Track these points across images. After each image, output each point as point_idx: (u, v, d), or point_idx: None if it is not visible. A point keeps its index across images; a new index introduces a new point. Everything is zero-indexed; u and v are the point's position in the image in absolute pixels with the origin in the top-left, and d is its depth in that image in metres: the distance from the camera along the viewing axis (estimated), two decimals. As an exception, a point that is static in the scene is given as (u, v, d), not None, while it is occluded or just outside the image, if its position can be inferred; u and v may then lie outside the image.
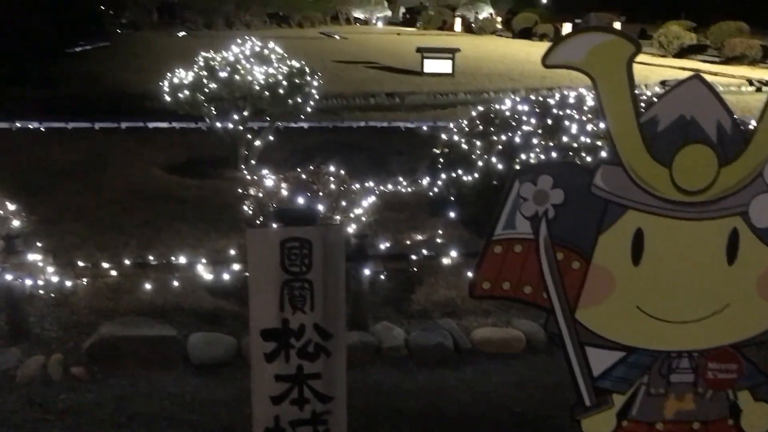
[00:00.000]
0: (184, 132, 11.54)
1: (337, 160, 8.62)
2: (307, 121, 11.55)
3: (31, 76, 17.12)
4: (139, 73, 18.79)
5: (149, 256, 5.32)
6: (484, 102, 16.06)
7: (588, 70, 2.71)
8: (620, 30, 2.75)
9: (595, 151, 5.99)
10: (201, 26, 44.76)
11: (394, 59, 25.19)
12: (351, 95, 16.76)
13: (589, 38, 2.72)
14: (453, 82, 19.29)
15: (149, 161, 9.49)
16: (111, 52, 25.79)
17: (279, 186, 5.48)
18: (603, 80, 2.71)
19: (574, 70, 2.75)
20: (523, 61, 25.11)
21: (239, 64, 8.68)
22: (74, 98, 14.34)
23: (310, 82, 9.15)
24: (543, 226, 2.83)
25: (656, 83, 18.52)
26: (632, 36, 2.74)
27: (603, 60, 2.69)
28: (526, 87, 18.05)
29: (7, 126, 11.42)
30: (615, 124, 2.74)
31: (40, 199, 7.16)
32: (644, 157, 2.74)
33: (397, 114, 14.79)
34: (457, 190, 6.83)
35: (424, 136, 11.80)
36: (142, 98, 14.44)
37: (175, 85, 8.63)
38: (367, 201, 5.82)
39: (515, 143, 6.36)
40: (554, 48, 2.74)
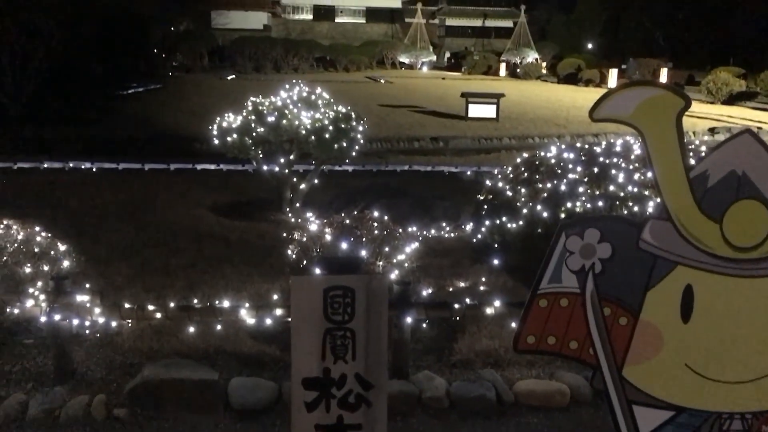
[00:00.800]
0: (230, 174, 11.76)
1: (380, 205, 8.69)
2: (351, 164, 11.66)
3: (86, 117, 17.69)
4: (188, 114, 19.30)
5: (194, 298, 5.38)
6: (529, 147, 16.06)
7: (637, 125, 2.69)
8: (670, 85, 2.74)
9: (642, 201, 5.91)
10: (250, 69, 45.85)
11: (438, 104, 25.37)
12: (395, 139, 16.90)
13: (638, 92, 2.70)
14: (497, 127, 19.31)
15: (196, 202, 9.66)
16: (162, 94, 26.53)
17: (323, 231, 5.52)
18: (652, 135, 2.68)
19: (623, 124, 2.73)
20: (568, 107, 25.06)
21: (287, 109, 8.83)
22: (126, 139, 14.78)
23: (355, 127, 9.25)
24: (590, 280, 2.79)
25: (705, 131, 18.29)
26: (682, 91, 2.71)
27: (652, 115, 2.66)
28: (571, 133, 17.98)
29: (60, 166, 11.78)
30: (664, 178, 2.70)
31: (90, 239, 7.33)
32: (694, 213, 2.69)
33: (441, 158, 14.85)
34: (501, 237, 6.77)
35: (467, 181, 11.81)
36: (191, 140, 14.81)
37: (224, 129, 8.81)
38: (410, 247, 5.81)
39: (561, 191, 6.31)
40: (602, 101, 2.73)
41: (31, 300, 4.58)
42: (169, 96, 25.35)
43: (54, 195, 9.79)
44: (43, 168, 11.69)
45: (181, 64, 44.78)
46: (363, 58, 56.58)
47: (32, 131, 15.24)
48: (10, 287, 4.81)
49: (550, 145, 8.06)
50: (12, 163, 11.71)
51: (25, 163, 11.78)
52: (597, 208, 6.00)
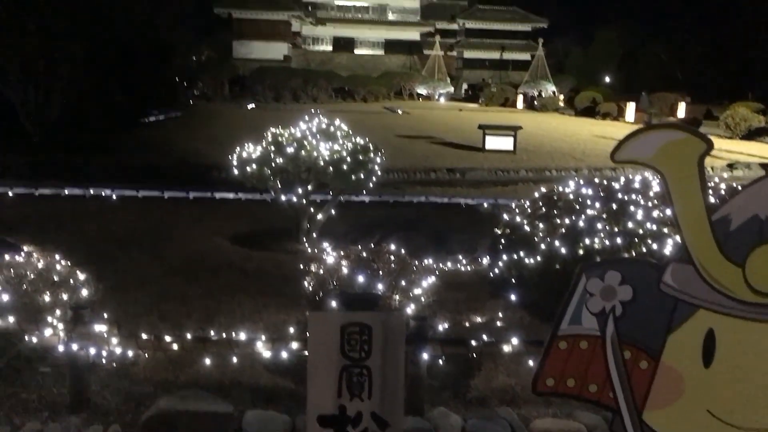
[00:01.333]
0: (248, 203, 11.83)
1: (397, 237, 8.71)
2: (368, 194, 11.69)
3: (107, 144, 17.93)
4: (208, 142, 19.50)
5: (210, 329, 5.38)
6: (546, 181, 16.04)
7: (658, 168, 2.69)
8: (691, 128, 2.73)
9: (661, 239, 5.86)
10: (269, 99, 46.36)
11: (455, 135, 25.49)
12: (412, 170, 16.97)
13: (660, 135, 2.70)
14: (514, 159, 19.34)
15: (214, 231, 9.72)
16: (183, 122, 26.90)
17: (340, 263, 5.52)
18: (674, 178, 2.67)
19: (644, 167, 2.73)
20: (585, 140, 25.08)
21: (306, 140, 8.90)
22: (146, 167, 14.96)
23: (373, 159, 9.30)
24: (610, 322, 2.76)
25: (724, 167, 18.20)
26: (704, 134, 2.71)
27: (674, 158, 2.66)
28: (589, 167, 17.94)
29: (81, 193, 11.92)
30: (686, 222, 2.69)
31: (108, 267, 7.38)
32: (716, 256, 2.67)
33: (457, 189, 14.86)
34: (519, 273, 6.74)
35: (484, 214, 11.79)
36: (211, 168, 14.96)
37: (244, 159, 8.88)
38: (427, 281, 5.79)
39: (579, 227, 6.28)
40: (624, 144, 2.73)
41: (50, 329, 4.61)
42: (189, 124, 25.69)
43: (75, 222, 9.89)
44: (64, 195, 11.84)
45: (202, 93, 45.41)
46: (381, 89, 57.04)
47: (54, 158, 15.46)
48: (29, 315, 4.83)
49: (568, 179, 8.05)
50: (34, 189, 11.86)
51: (47, 189, 11.93)
52: (615, 245, 5.96)
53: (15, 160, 15.08)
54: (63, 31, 17.27)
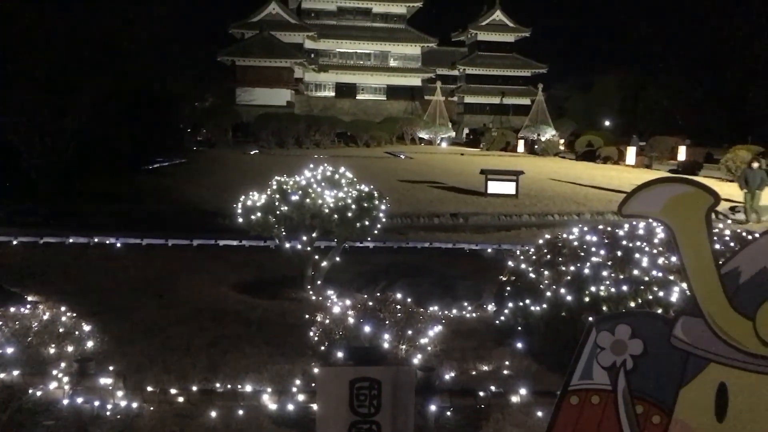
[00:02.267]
0: (253, 250, 11.83)
1: (402, 284, 8.68)
2: (372, 240, 11.69)
3: (112, 192, 18.04)
4: (212, 189, 19.62)
5: (215, 380, 5.34)
6: (549, 225, 16.08)
7: (666, 221, 2.71)
8: (698, 181, 2.75)
9: (667, 286, 5.85)
10: (273, 145, 46.75)
11: (458, 179, 25.60)
12: (416, 215, 17.02)
13: (667, 189, 2.73)
14: (517, 203, 19.40)
15: (219, 279, 9.71)
16: (187, 168, 27.07)
17: (346, 313, 5.51)
18: (681, 231, 2.69)
19: (652, 220, 2.75)
20: (587, 184, 25.17)
21: (311, 188, 8.94)
22: (150, 214, 15.01)
23: (378, 206, 9.32)
24: (621, 377, 2.75)
25: (726, 210, 18.22)
26: (710, 187, 2.73)
27: (681, 211, 2.68)
28: (591, 211, 17.99)
29: (85, 241, 11.94)
30: (695, 275, 2.70)
31: (114, 316, 7.35)
32: (726, 310, 2.67)
33: (461, 235, 14.87)
34: (525, 320, 6.71)
35: (488, 259, 11.79)
36: (215, 215, 15.02)
37: (248, 208, 8.92)
38: (433, 330, 5.76)
39: (584, 275, 6.28)
40: (631, 197, 2.75)
41: (54, 382, 4.58)
42: (193, 171, 25.85)
43: (79, 270, 9.90)
44: (69, 243, 11.86)
45: (206, 139, 45.82)
46: (383, 133, 57.56)
47: (59, 206, 15.54)
48: (34, 368, 4.81)
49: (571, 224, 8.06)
50: (39, 238, 11.89)
51: (52, 238, 11.96)
52: (622, 292, 5.95)
53: (20, 208, 15.15)
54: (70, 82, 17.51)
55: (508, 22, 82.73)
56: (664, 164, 37.09)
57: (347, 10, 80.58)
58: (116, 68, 20.58)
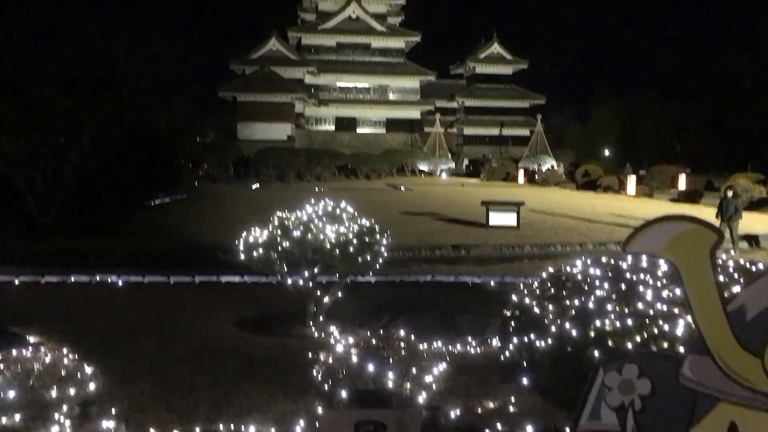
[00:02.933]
0: (254, 286, 11.80)
1: (405, 319, 8.64)
2: (374, 274, 11.65)
3: (113, 228, 18.03)
4: (213, 225, 19.62)
5: (218, 421, 5.28)
6: (551, 256, 16.03)
7: (670, 258, 2.70)
8: (702, 219, 2.75)
9: (672, 319, 5.80)
10: (274, 179, 46.89)
11: (458, 211, 25.61)
12: (418, 247, 16.97)
13: (671, 227, 2.72)
14: (518, 234, 19.36)
15: (221, 316, 9.66)
16: (188, 204, 27.10)
17: (349, 351, 5.47)
18: (686, 269, 2.68)
19: (656, 258, 2.74)
20: (589, 214, 25.17)
21: (312, 223, 8.95)
22: (152, 251, 14.99)
23: (379, 241, 9.32)
24: (630, 418, 2.72)
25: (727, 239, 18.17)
26: (714, 225, 2.73)
27: (685, 249, 2.67)
28: (593, 241, 17.96)
29: (87, 279, 11.91)
30: (701, 313, 2.68)
31: (115, 357, 7.32)
32: (734, 347, 2.65)
33: (463, 267, 14.82)
34: (530, 356, 6.64)
35: (492, 292, 11.73)
36: (216, 250, 14.98)
37: (250, 244, 8.91)
38: (438, 367, 5.71)
39: (589, 309, 6.23)
40: (635, 235, 2.75)
41: (56, 426, 4.53)
42: (194, 206, 25.87)
43: (81, 309, 9.86)
44: (70, 282, 11.83)
45: (207, 174, 45.98)
46: (384, 166, 57.77)
47: (60, 244, 15.53)
48: (36, 412, 4.76)
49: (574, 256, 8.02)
50: (40, 277, 11.87)
51: (53, 277, 11.93)
52: (627, 326, 5.90)
53: (21, 246, 15.13)
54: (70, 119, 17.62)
55: (505, 54, 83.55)
56: (665, 193, 37.09)
57: (346, 45, 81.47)
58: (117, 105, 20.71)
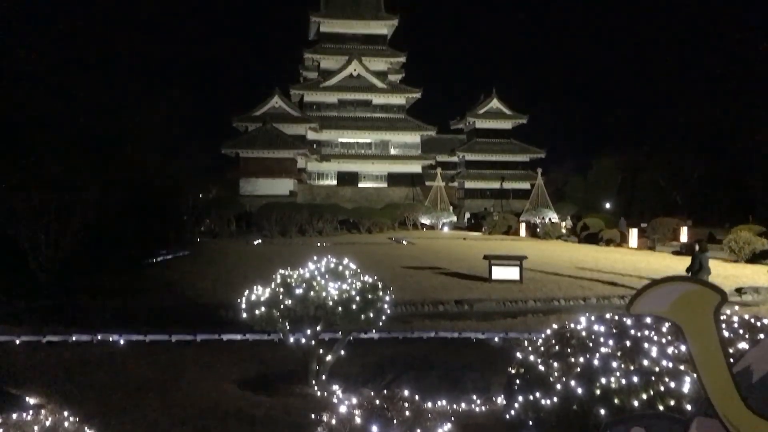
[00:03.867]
0: (256, 344, 11.73)
1: (408, 377, 8.56)
2: (377, 331, 11.59)
3: (115, 286, 18.03)
4: (216, 281, 19.60)
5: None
6: (555, 311, 15.96)
7: (674, 320, 2.70)
8: (705, 281, 2.76)
9: (678, 376, 5.75)
10: (276, 234, 47.02)
11: (461, 265, 25.58)
12: (420, 302, 16.90)
13: (674, 288, 2.73)
14: (522, 289, 19.31)
15: (222, 376, 9.58)
16: (190, 261, 27.07)
17: (352, 412, 5.40)
18: (690, 330, 2.68)
19: (661, 319, 2.74)
20: (591, 268, 25.13)
21: (315, 280, 8.94)
22: (153, 309, 14.94)
23: (382, 297, 9.29)
24: (638, 483, 2.68)
25: (732, 291, 18.12)
26: (717, 286, 2.74)
27: (689, 310, 2.67)
28: (597, 295, 17.91)
29: (88, 339, 11.84)
30: (706, 374, 2.66)
31: (117, 419, 7.23)
32: (741, 410, 2.62)
33: (466, 323, 14.73)
34: (536, 414, 6.55)
35: (496, 348, 11.64)
36: (218, 308, 14.96)
37: (252, 302, 8.89)
38: (443, 428, 5.63)
39: (594, 366, 6.18)
40: (638, 297, 2.75)
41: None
42: (196, 263, 25.85)
43: (82, 370, 9.77)
44: (71, 341, 11.76)
45: (210, 230, 46.09)
46: (385, 220, 57.97)
47: (62, 302, 15.50)
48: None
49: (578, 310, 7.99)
50: (41, 337, 11.81)
51: (54, 337, 11.87)
52: (633, 384, 5.84)
53: (22, 305, 15.11)
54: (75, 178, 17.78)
55: (505, 109, 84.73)
56: (667, 246, 37.10)
57: (348, 102, 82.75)
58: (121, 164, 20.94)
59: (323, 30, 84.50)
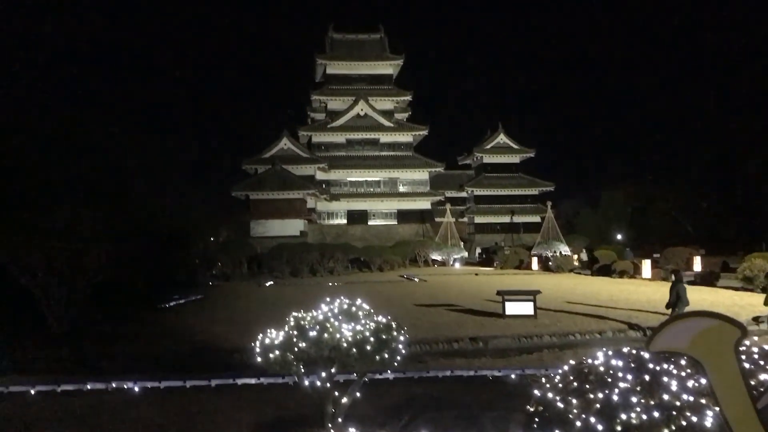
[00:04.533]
0: (271, 387, 11.65)
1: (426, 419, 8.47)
2: (392, 371, 11.49)
3: (128, 333, 18.01)
4: (228, 325, 19.56)
5: None
6: (571, 346, 15.81)
7: (695, 356, 2.68)
8: (723, 314, 2.74)
9: (699, 411, 5.66)
10: (287, 274, 46.99)
11: (474, 301, 25.44)
12: (435, 341, 16.78)
13: (693, 324, 2.71)
14: (536, 324, 19.15)
15: (238, 421, 9.50)
16: (203, 304, 27.04)
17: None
18: (711, 366, 2.66)
19: (681, 356, 2.71)
20: (605, 300, 24.93)
21: (328, 322, 8.91)
22: (167, 354, 14.90)
23: (396, 337, 9.23)
24: None
25: (749, 321, 17.91)
26: (736, 320, 2.72)
27: (709, 346, 2.66)
28: (612, 329, 17.74)
29: (103, 387, 11.80)
30: (730, 411, 2.64)
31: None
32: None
33: (482, 360, 14.59)
34: (556, 453, 6.46)
35: (513, 386, 11.52)
36: (232, 352, 14.90)
37: (266, 346, 8.85)
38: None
39: (614, 402, 6.09)
40: (657, 334, 2.74)
41: None
42: (209, 307, 25.82)
43: (97, 419, 9.72)
44: (86, 389, 11.72)
45: (221, 273, 46.11)
46: (396, 257, 57.86)
47: (76, 350, 15.49)
48: None
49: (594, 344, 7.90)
50: (56, 386, 11.77)
51: (69, 385, 11.82)
52: (654, 419, 5.75)
53: (36, 354, 15.09)
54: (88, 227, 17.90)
55: (512, 144, 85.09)
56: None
57: (356, 141, 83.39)
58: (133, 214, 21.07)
59: (330, 72, 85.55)
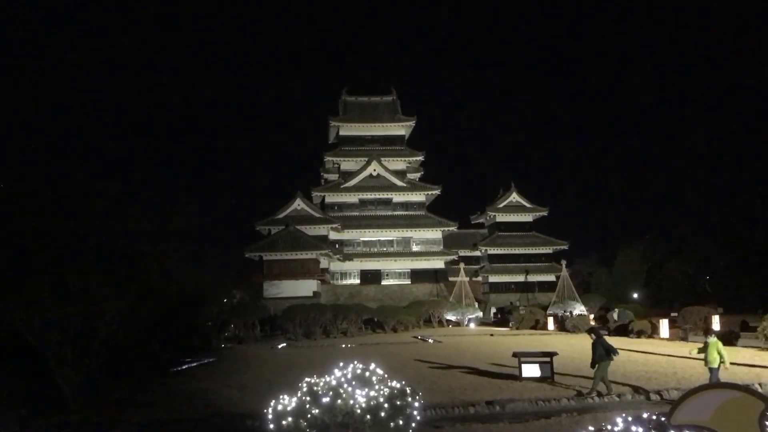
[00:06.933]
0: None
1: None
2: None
3: (140, 398, 17.82)
4: (240, 389, 19.33)
5: None
6: (590, 409, 15.44)
7: (718, 430, 2.59)
8: (746, 386, 2.67)
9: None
10: (300, 336, 46.62)
11: (489, 363, 25.06)
12: (450, 405, 16.45)
13: (715, 396, 2.64)
14: (554, 387, 18.78)
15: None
16: (215, 368, 26.79)
17: None
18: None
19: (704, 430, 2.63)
20: (624, 361, 24.47)
21: (341, 388, 8.79)
22: (180, 420, 14.69)
23: (411, 403, 9.09)
24: None
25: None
26: (759, 392, 2.65)
27: (732, 419, 2.57)
28: (631, 391, 17.36)
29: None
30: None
31: None
32: None
33: (499, 425, 14.27)
34: None
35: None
36: (244, 417, 14.67)
37: (279, 412, 8.72)
38: None
39: (636, 471, 5.92)
40: (678, 407, 2.67)
41: None
42: (222, 370, 25.58)
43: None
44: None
45: (234, 336, 45.84)
46: (410, 317, 57.28)
47: (89, 416, 15.31)
48: None
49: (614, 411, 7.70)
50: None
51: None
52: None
53: (48, 420, 14.92)
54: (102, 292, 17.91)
55: (525, 203, 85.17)
56: (699, 335, 36.15)
57: (369, 201, 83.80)
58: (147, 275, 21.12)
59: (343, 134, 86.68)
